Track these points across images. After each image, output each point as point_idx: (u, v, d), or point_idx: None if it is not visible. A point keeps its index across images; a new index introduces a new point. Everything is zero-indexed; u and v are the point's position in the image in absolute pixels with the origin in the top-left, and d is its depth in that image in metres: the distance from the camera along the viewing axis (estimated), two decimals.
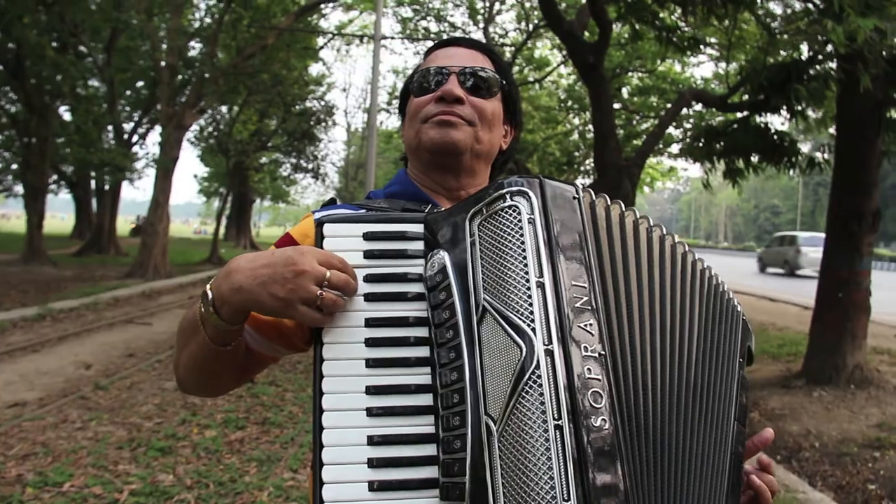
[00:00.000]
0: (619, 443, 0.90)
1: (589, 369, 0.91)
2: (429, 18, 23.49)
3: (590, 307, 0.95)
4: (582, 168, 23.36)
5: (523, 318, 0.91)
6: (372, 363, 1.00)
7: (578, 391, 0.89)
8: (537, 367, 0.88)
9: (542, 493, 0.84)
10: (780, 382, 8.10)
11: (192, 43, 21.73)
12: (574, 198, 1.03)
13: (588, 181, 18.22)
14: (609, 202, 1.08)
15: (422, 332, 1.02)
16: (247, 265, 1.02)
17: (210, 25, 20.77)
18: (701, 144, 10.21)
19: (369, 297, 1.03)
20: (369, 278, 1.04)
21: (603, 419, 0.89)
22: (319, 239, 1.05)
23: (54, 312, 11.57)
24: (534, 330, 0.90)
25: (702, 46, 12.94)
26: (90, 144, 19.72)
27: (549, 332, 0.90)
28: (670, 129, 18.35)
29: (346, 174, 48.18)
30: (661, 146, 19.13)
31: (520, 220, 0.97)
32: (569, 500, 0.84)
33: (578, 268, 0.98)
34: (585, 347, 0.92)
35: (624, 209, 1.10)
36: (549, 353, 0.89)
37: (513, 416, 0.88)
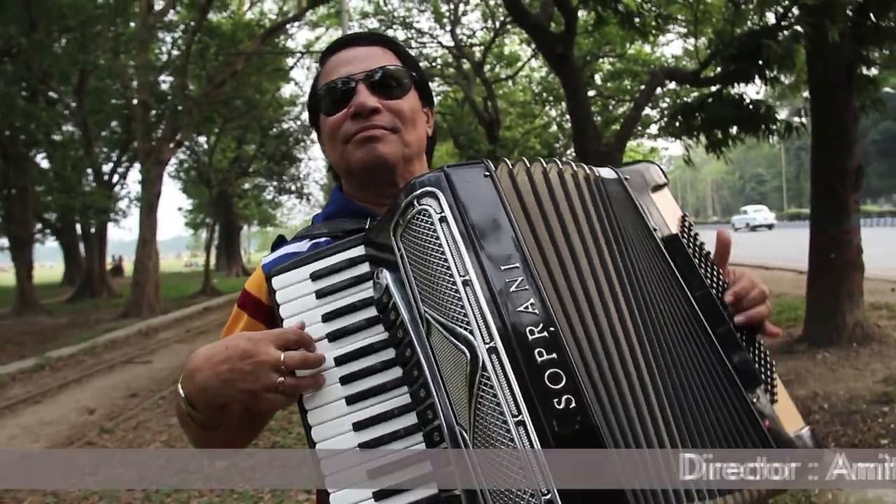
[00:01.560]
0: (593, 413, 0.88)
1: (540, 352, 0.89)
2: (395, 27, 23.54)
3: (527, 286, 0.92)
4: (564, 159, 23.37)
5: (460, 323, 0.91)
6: (352, 399, 1.01)
7: (533, 378, 0.87)
8: (484, 368, 0.88)
9: (520, 492, 0.84)
10: (783, 349, 8.11)
11: (162, 77, 21.72)
12: (486, 176, 1.00)
13: None
14: (529, 165, 1.05)
15: (389, 354, 1.02)
16: (206, 364, 1.03)
17: (178, 57, 20.75)
18: (679, 122, 10.24)
19: (332, 336, 1.04)
20: (328, 317, 1.04)
21: (567, 398, 0.87)
22: (272, 293, 1.07)
23: (52, 361, 11.49)
24: (472, 332, 0.89)
25: (669, 25, 12.99)
26: (71, 189, 19.63)
27: (488, 330, 0.89)
28: (647, 111, 18.44)
29: (330, 191, 48.11)
30: (639, 128, 19.21)
31: (432, 224, 0.96)
32: (547, 494, 0.83)
33: (506, 248, 0.95)
34: (531, 330, 0.89)
35: (547, 165, 1.06)
36: (493, 351, 0.88)
37: (477, 423, 0.88)
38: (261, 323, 1.19)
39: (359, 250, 1.07)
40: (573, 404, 0.87)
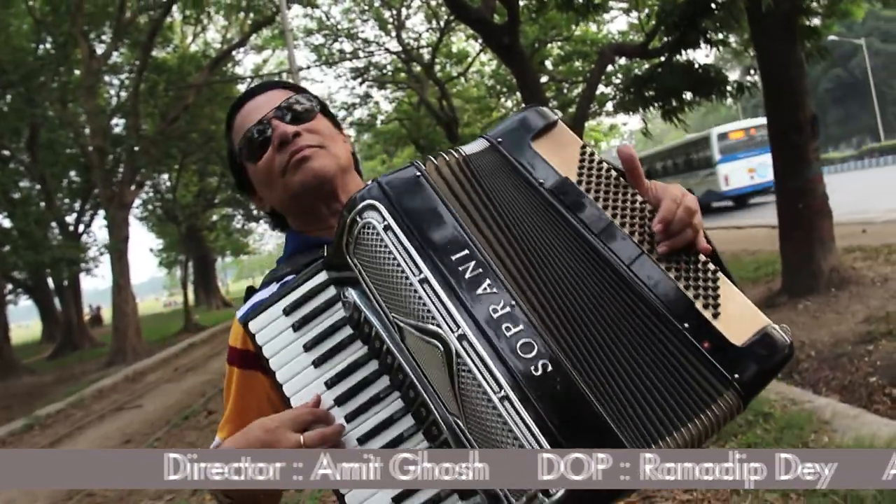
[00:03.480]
0: (570, 372, 0.90)
1: (507, 326, 0.92)
2: (341, 40, 23.52)
3: (481, 269, 0.96)
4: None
5: (426, 319, 0.95)
6: (349, 417, 1.04)
7: (506, 353, 0.90)
8: (458, 355, 0.91)
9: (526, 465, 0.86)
10: (765, 303, 8.20)
11: (114, 120, 21.49)
12: (417, 176, 1.05)
13: None
14: (448, 157, 1.09)
15: (374, 366, 1.05)
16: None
17: (128, 99, 20.53)
18: (632, 95, 10.33)
19: (317, 363, 1.07)
20: (308, 346, 1.08)
21: (543, 363, 0.90)
22: (252, 338, 1.12)
23: (41, 419, 11.34)
24: (438, 325, 0.93)
25: (610, 2, 13.11)
26: (37, 245, 19.34)
27: (453, 319, 0.93)
28: (602, 88, 18.54)
29: None
30: (596, 107, 19.31)
31: (377, 234, 1.01)
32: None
33: (455, 239, 0.99)
34: (494, 310, 0.93)
35: (459, 154, 1.10)
36: (463, 337, 0.92)
37: (466, 408, 0.92)
38: (254, 371, 1.22)
39: (321, 276, 1.11)
40: (550, 368, 0.89)
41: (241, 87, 28.01)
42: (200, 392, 11.38)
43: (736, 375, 0.93)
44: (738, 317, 0.98)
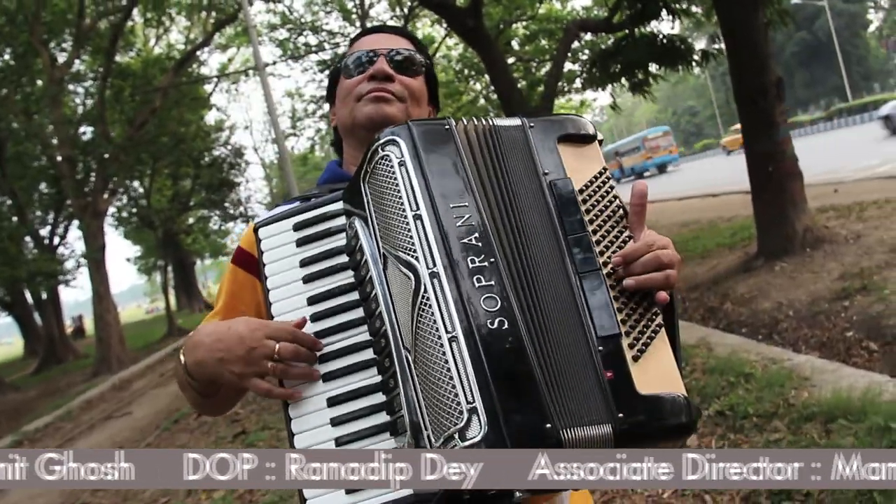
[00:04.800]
0: (523, 335, 0.94)
1: (479, 278, 0.96)
2: (305, 33, 23.33)
3: (474, 222, 1.01)
4: (474, 116, 23.47)
5: (408, 251, 0.99)
6: (319, 335, 1.11)
7: (469, 301, 0.94)
8: (425, 290, 0.95)
9: (450, 404, 0.90)
10: (742, 267, 8.30)
11: (82, 129, 21.19)
12: (446, 129, 1.10)
13: None
14: (477, 122, 1.14)
15: (356, 295, 1.12)
16: (206, 340, 1.15)
17: (94, 106, 20.26)
18: (598, 70, 10.36)
19: (307, 279, 1.15)
20: (304, 262, 1.16)
21: (500, 319, 0.94)
22: (258, 242, 1.20)
23: (30, 435, 11.26)
24: (417, 259, 0.98)
25: None
26: (13, 260, 19.12)
27: (432, 256, 0.97)
28: (569, 66, 18.52)
29: (275, 207, 47.57)
30: (564, 85, 19.31)
31: (392, 167, 1.05)
32: (472, 402, 0.89)
33: (458, 190, 1.04)
34: (472, 260, 0.98)
35: (491, 122, 1.14)
36: (435, 276, 0.96)
37: (418, 342, 0.96)
38: (254, 277, 1.33)
39: (337, 205, 1.18)
40: (506, 326, 0.94)
41: (208, 88, 27.85)
42: None
43: (620, 415, 0.95)
44: (657, 373, 1.01)
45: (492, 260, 0.99)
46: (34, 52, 17.67)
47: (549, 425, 0.90)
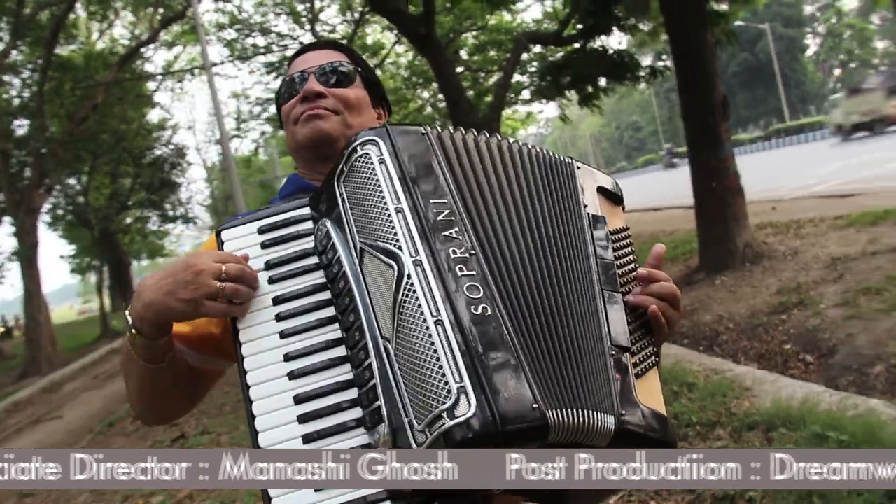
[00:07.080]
0: (505, 323, 0.97)
1: (461, 267, 0.99)
2: (254, 34, 23.03)
3: (452, 217, 1.04)
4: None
5: (390, 242, 1.01)
6: (285, 334, 1.09)
7: (453, 288, 0.96)
8: (409, 277, 0.97)
9: (436, 385, 0.90)
10: (684, 281, 8.47)
11: (17, 122, 20.52)
12: (422, 134, 1.14)
13: None
14: (454, 131, 1.18)
15: (326, 295, 1.11)
16: (152, 282, 1.13)
17: (32, 98, 19.63)
18: (547, 82, 10.48)
19: (273, 280, 1.13)
20: (270, 265, 1.14)
21: (483, 306, 0.96)
22: (220, 244, 1.19)
23: None
24: (400, 248, 1.00)
25: None
26: None
27: (415, 246, 0.99)
28: (518, 77, 18.69)
29: (216, 209, 46.85)
30: (512, 95, 19.47)
31: (372, 164, 1.08)
32: (461, 381, 0.89)
33: (436, 188, 1.08)
34: (454, 251, 1.00)
35: (465, 132, 1.19)
36: (418, 263, 0.98)
37: (400, 329, 0.96)
38: None
39: (303, 210, 1.19)
40: (489, 312, 0.95)
41: (152, 85, 27.27)
42: (125, 398, 11.02)
43: (622, 413, 1.03)
44: (650, 394, 1.11)
45: (472, 252, 1.01)
46: None
47: (535, 405, 0.91)
